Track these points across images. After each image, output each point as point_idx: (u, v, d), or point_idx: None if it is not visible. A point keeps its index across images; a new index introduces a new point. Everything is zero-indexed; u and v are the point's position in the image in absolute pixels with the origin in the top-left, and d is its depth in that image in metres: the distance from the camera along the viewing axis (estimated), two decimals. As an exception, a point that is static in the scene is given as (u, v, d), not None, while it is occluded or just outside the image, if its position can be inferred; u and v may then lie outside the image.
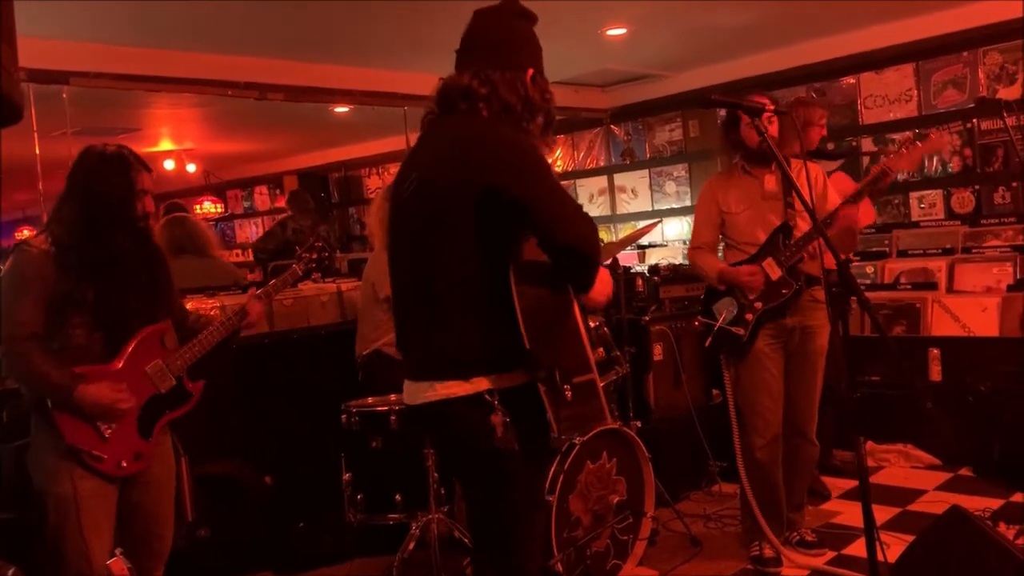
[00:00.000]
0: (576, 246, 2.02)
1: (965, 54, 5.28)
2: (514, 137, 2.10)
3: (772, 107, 2.54)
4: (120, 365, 2.56)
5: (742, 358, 3.58)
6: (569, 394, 2.05)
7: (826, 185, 3.61)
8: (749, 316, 3.55)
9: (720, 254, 3.77)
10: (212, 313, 2.95)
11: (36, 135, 4.63)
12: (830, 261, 3.15)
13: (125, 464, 2.56)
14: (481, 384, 2.07)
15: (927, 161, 5.44)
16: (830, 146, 5.20)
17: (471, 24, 2.23)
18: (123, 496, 2.63)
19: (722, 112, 6.35)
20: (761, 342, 3.53)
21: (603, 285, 2.19)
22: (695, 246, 3.75)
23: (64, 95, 4.78)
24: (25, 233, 9.66)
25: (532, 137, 2.18)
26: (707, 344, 3.67)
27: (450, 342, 2.10)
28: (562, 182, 8.19)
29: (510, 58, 2.16)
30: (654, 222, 4.91)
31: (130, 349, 2.58)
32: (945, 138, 3.43)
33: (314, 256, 3.04)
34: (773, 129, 3.43)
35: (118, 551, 2.43)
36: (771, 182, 3.56)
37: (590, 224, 2.06)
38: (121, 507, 2.63)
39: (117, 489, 2.59)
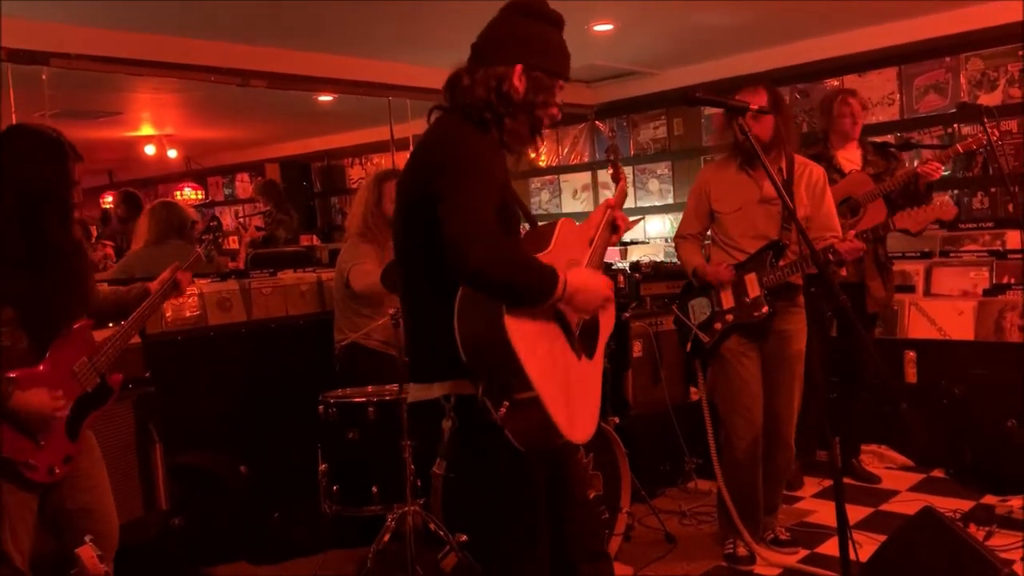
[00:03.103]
0: (463, 270, 1.91)
1: (948, 59, 5.32)
2: (452, 146, 2.06)
3: (755, 106, 2.53)
4: (46, 367, 2.42)
5: (713, 359, 3.60)
6: (503, 411, 1.95)
7: (825, 191, 3.54)
8: (718, 325, 3.56)
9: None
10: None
11: (14, 116, 4.56)
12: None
13: (58, 470, 2.45)
14: (439, 389, 2.11)
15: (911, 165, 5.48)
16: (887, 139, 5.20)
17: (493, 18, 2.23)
18: (55, 501, 2.51)
19: (707, 111, 6.41)
20: (734, 342, 3.54)
21: (587, 295, 2.07)
22: (681, 234, 3.74)
23: (43, 76, 4.71)
24: None
25: (493, 141, 2.13)
26: (688, 349, 3.69)
27: (420, 346, 2.17)
28: (545, 177, 8.19)
29: (496, 54, 2.15)
30: (636, 219, 4.92)
31: (57, 349, 2.45)
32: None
33: (209, 237, 3.01)
34: (762, 128, 3.37)
35: (88, 538, 2.40)
36: (770, 187, 3.45)
37: (491, 247, 1.91)
38: (56, 512, 2.52)
39: (37, 496, 2.46)
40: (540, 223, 2.34)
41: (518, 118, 2.16)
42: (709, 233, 3.73)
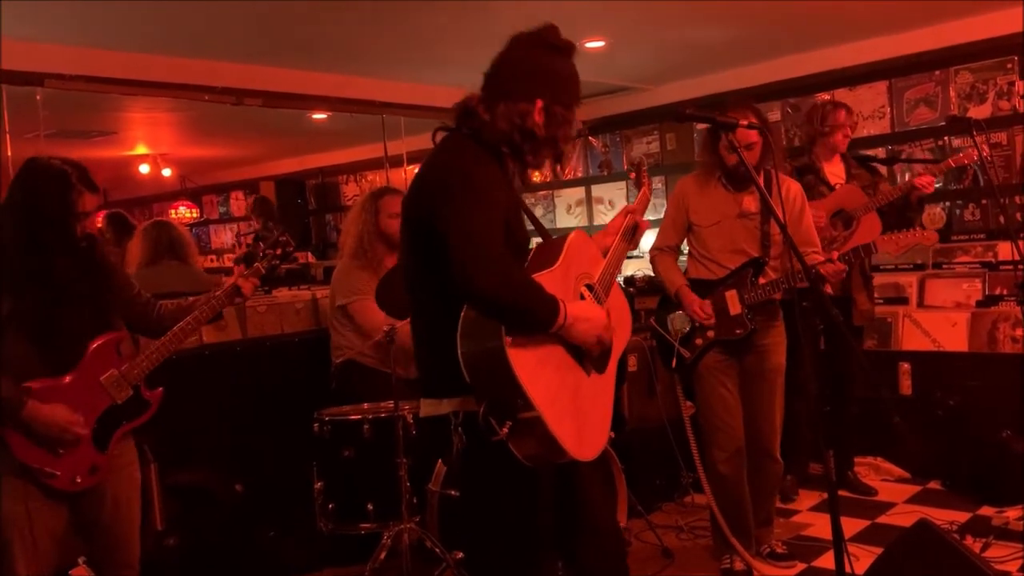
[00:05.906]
0: (472, 293, 1.92)
1: (937, 73, 5.36)
2: (454, 170, 2.06)
3: (745, 122, 2.54)
4: (69, 379, 2.48)
5: (692, 374, 3.60)
6: (505, 430, 1.94)
7: (804, 207, 3.56)
8: (699, 341, 3.55)
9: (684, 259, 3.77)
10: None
11: (8, 137, 4.57)
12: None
13: (80, 480, 2.47)
14: (448, 406, 2.10)
15: (899, 178, 5.51)
16: (872, 153, 5.21)
17: (504, 48, 2.22)
18: (80, 511, 2.54)
19: (700, 125, 6.44)
20: (712, 357, 3.53)
21: (586, 324, 2.05)
22: (658, 247, 3.71)
23: (38, 97, 4.73)
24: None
25: (499, 165, 2.14)
26: (672, 366, 3.64)
27: (429, 362, 2.17)
28: (539, 193, 8.18)
29: (517, 89, 2.13)
30: None
31: (85, 362, 2.50)
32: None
33: (278, 252, 2.93)
34: (750, 152, 3.36)
35: (81, 560, 2.40)
36: (749, 202, 3.48)
37: (498, 270, 1.93)
38: (79, 523, 2.54)
39: (66, 506, 2.50)
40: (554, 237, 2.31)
41: (540, 153, 2.18)
42: (685, 246, 3.73)
